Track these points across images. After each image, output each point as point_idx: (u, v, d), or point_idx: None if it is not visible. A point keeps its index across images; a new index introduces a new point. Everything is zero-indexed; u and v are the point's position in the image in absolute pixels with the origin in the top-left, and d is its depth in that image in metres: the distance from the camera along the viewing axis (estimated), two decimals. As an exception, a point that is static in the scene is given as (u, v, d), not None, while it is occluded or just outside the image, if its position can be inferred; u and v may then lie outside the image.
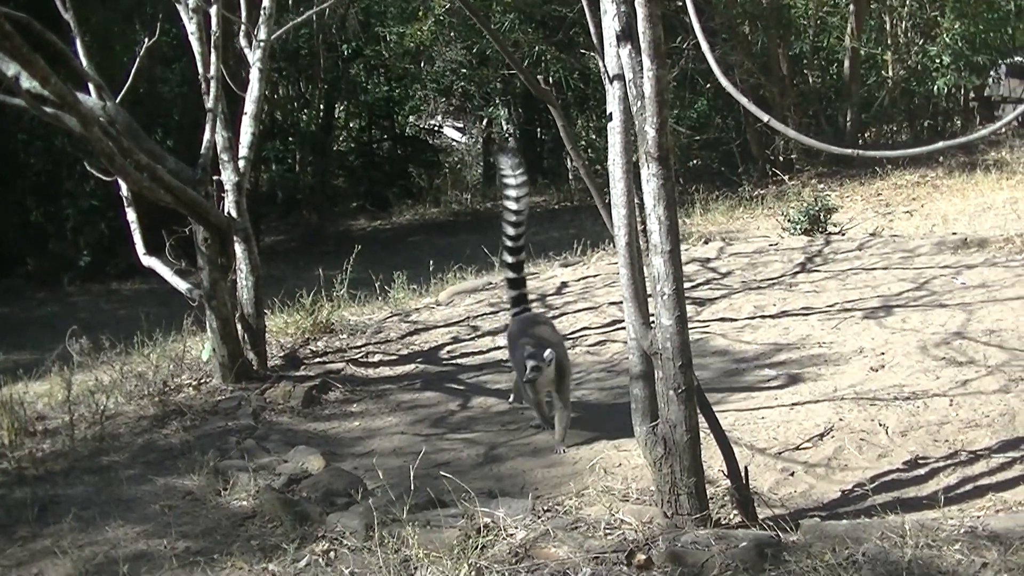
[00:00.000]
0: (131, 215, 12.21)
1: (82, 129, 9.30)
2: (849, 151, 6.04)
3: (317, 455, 8.76)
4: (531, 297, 13.99)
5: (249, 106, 12.10)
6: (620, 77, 6.87)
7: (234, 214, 11.62)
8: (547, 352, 8.80)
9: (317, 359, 12.61)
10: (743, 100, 5.80)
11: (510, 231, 9.87)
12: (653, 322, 6.86)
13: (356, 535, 6.87)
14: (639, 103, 6.56)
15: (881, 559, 6.22)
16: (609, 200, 7.11)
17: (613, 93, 7.00)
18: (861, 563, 6.20)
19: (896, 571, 6.06)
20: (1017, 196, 19.75)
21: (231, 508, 7.95)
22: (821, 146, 6.05)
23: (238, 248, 11.71)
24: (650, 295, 6.93)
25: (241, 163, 11.82)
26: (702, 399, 7.12)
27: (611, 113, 7.03)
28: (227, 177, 11.70)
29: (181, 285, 11.64)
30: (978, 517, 6.98)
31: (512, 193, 9.83)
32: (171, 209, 10.94)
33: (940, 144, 7.79)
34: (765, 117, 5.72)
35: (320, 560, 6.69)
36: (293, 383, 11.23)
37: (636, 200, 6.91)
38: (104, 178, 11.34)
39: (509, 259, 9.99)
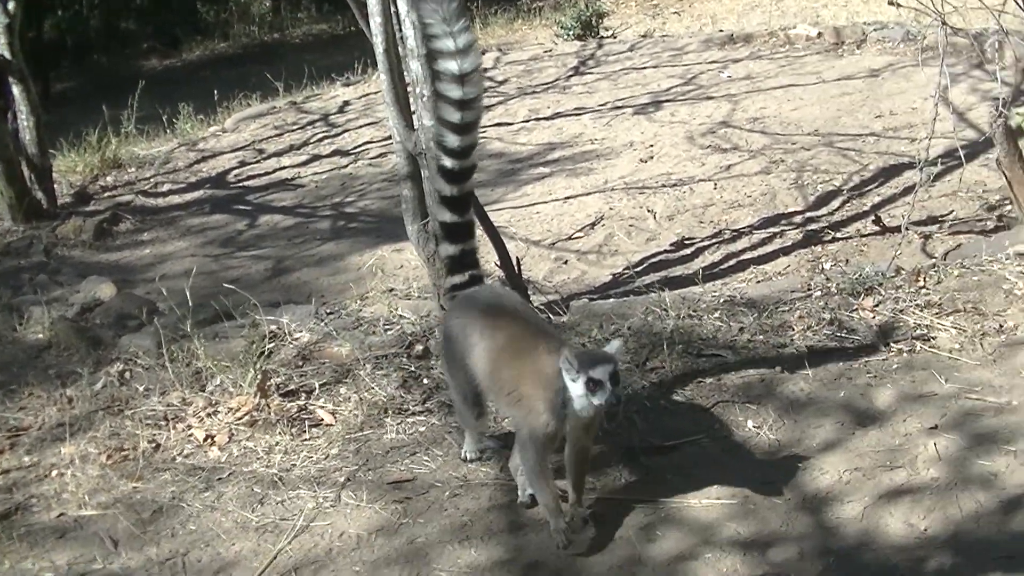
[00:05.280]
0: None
1: None
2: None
3: (108, 283, 8.57)
4: (323, 129, 13.86)
5: (12, -52, 11.53)
6: None
7: (7, 55, 11.14)
8: (612, 344, 4.75)
9: (107, 193, 12.30)
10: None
11: (452, 139, 5.38)
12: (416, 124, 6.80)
13: (148, 354, 6.75)
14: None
15: (645, 331, 6.34)
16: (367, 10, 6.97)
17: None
18: (627, 336, 6.31)
19: (658, 341, 6.18)
20: (785, -7, 19.93)
21: (27, 342, 7.73)
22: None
23: (15, 89, 11.28)
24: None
25: (10, 5, 11.27)
26: (469, 195, 7.10)
27: (359, -75, 6.85)
28: (-4, 19, 11.19)
29: (-40, 130, 11.20)
30: (738, 288, 7.15)
31: (453, 67, 5.23)
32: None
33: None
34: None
35: (115, 380, 6.57)
36: (83, 218, 10.96)
37: (392, 9, 6.77)
38: None
39: (448, 189, 5.47)
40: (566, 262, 8.54)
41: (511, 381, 4.75)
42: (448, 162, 5.36)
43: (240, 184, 12.00)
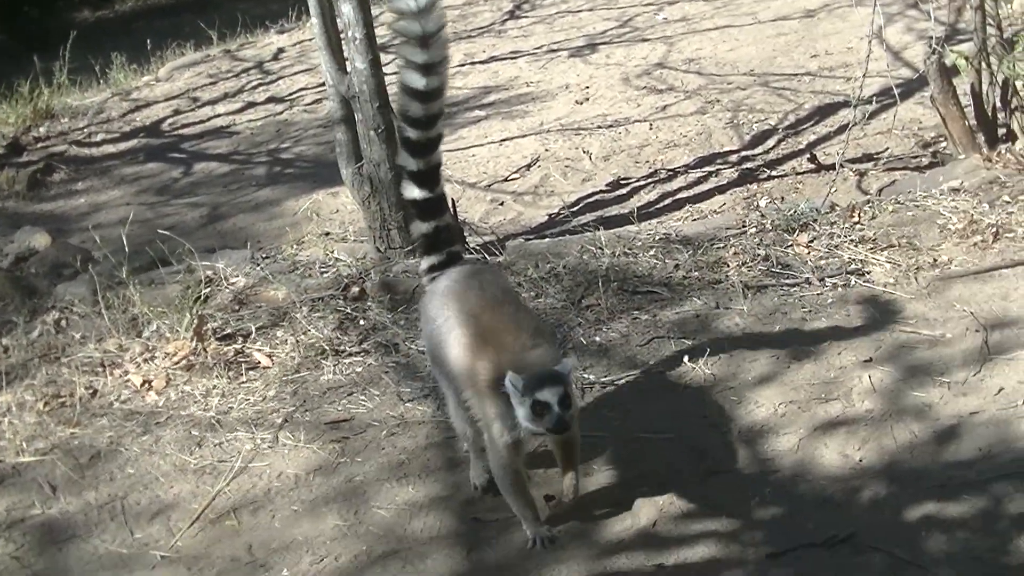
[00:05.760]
0: None
1: None
2: None
3: (43, 233, 8.48)
4: (257, 77, 13.75)
5: None
6: None
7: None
8: (564, 363, 4.26)
9: (40, 144, 12.14)
10: None
11: (416, 108, 4.72)
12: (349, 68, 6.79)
13: (84, 301, 6.70)
14: None
15: (581, 269, 6.37)
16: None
17: None
18: (562, 274, 6.34)
19: (594, 279, 6.22)
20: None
21: (-39, 293, 7.68)
22: None
23: (-56, 41, 11.16)
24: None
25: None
26: (404, 137, 7.10)
27: None
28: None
29: None
30: (673, 226, 7.20)
31: (416, 29, 4.60)
32: None
33: None
34: None
35: (51, 328, 6.52)
36: (16, 169, 10.84)
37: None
38: None
39: (414, 163, 4.81)
40: (502, 203, 8.57)
41: (476, 377, 4.35)
42: (412, 133, 4.75)
43: (175, 133, 11.90)
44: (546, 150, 9.47)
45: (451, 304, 4.58)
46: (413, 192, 4.85)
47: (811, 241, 6.54)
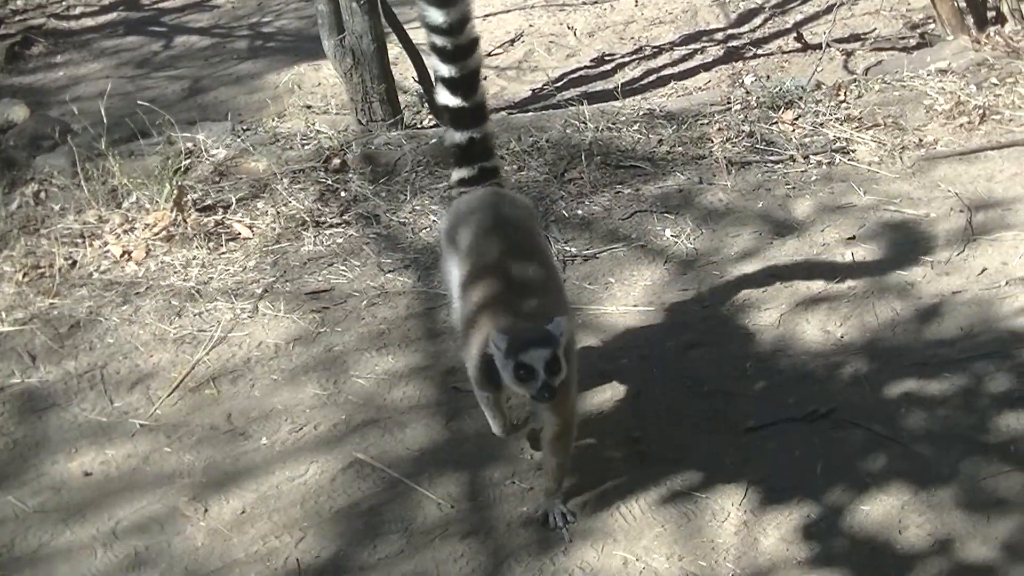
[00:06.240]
0: None
1: None
2: None
3: (21, 105, 8.35)
4: None
5: None
6: None
7: None
8: (556, 322, 3.65)
9: (18, 17, 11.88)
10: None
11: (435, 15, 4.15)
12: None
13: (63, 173, 6.61)
14: None
15: (564, 143, 6.32)
16: None
17: None
18: (545, 148, 6.29)
19: (576, 153, 6.18)
20: None
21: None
22: None
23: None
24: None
25: None
26: (387, 9, 7.00)
27: None
28: None
29: None
30: (657, 102, 7.14)
31: None
32: None
33: None
34: None
35: (30, 200, 6.44)
36: (-7, 43, 10.67)
37: None
38: None
39: (446, 69, 4.31)
40: (485, 78, 8.37)
41: (467, 313, 3.95)
42: (438, 40, 4.20)
43: (154, 6, 11.66)
44: (530, 25, 9.37)
45: (470, 226, 4.16)
46: (446, 99, 4.35)
47: (796, 119, 6.50)
